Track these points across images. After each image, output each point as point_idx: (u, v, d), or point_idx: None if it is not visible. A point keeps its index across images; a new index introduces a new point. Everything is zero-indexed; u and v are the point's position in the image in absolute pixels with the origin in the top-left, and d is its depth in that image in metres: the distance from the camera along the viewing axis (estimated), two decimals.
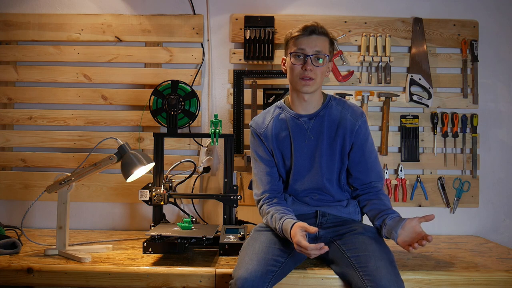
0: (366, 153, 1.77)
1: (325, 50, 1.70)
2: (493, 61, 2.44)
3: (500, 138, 2.44)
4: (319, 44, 1.69)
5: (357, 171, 1.78)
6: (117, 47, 2.42)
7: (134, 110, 2.41)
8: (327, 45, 1.72)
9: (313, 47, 1.68)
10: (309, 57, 1.68)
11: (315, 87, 1.72)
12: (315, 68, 1.68)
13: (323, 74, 1.72)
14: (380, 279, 1.44)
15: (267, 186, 1.79)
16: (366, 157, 1.77)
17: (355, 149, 1.76)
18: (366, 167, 1.78)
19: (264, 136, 1.80)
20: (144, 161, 1.82)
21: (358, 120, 1.75)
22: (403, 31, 2.40)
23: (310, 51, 1.68)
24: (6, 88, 2.43)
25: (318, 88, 1.75)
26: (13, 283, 1.69)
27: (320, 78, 1.71)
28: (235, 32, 2.39)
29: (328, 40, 1.73)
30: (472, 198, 2.39)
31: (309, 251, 1.49)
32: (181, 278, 1.65)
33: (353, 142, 1.76)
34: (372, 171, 1.78)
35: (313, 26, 1.70)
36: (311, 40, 1.69)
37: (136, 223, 2.42)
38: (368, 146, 1.78)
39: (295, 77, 1.72)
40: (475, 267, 1.75)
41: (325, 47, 1.71)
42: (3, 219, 2.34)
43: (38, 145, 2.42)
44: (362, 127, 1.75)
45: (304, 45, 1.69)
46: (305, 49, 1.68)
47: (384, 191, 1.80)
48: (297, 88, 1.73)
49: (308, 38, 1.69)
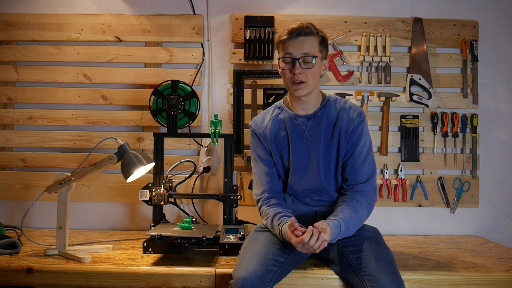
0: (355, 153, 1.71)
1: (314, 50, 1.66)
2: (493, 61, 2.44)
3: (500, 138, 2.44)
4: (306, 46, 1.65)
5: (345, 171, 1.74)
6: (117, 47, 2.42)
7: (134, 110, 2.41)
8: (316, 44, 1.67)
9: (300, 50, 1.64)
10: (297, 60, 1.64)
11: (308, 90, 1.69)
12: (305, 70, 1.65)
13: (315, 76, 1.68)
14: (380, 279, 1.44)
15: (266, 186, 1.78)
16: (355, 157, 1.72)
17: (348, 149, 1.73)
18: (353, 168, 1.72)
19: (263, 136, 1.80)
20: (144, 161, 1.82)
21: (354, 120, 1.71)
22: (403, 31, 2.40)
23: (298, 54, 1.65)
24: (6, 88, 2.43)
25: (313, 89, 1.71)
26: (13, 283, 1.69)
27: (312, 79, 1.67)
28: (235, 32, 2.39)
29: (317, 39, 1.67)
30: (472, 198, 2.39)
31: (309, 244, 1.46)
32: (181, 278, 1.65)
33: (348, 142, 1.73)
34: (357, 173, 1.71)
35: (299, 28, 1.65)
36: (297, 43, 1.64)
37: (136, 223, 2.42)
38: (358, 147, 1.71)
39: (287, 81, 1.70)
40: (475, 267, 1.75)
41: (313, 48, 1.66)
42: (3, 219, 2.34)
43: (38, 145, 2.42)
44: (357, 127, 1.71)
45: (291, 48, 1.65)
46: (293, 52, 1.65)
47: (369, 194, 1.70)
48: (291, 93, 1.72)
49: (294, 41, 1.65)
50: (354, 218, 1.62)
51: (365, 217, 1.69)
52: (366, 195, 1.70)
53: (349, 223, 1.60)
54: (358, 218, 1.64)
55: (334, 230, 1.54)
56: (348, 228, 1.60)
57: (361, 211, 1.65)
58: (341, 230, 1.56)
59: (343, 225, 1.57)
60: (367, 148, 1.74)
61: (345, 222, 1.58)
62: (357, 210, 1.64)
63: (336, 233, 1.55)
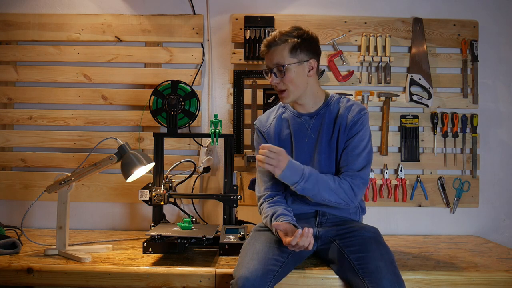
0: (350, 146, 1.71)
1: (283, 59, 1.67)
2: (493, 61, 2.44)
3: (500, 138, 2.44)
4: (276, 57, 1.68)
5: (340, 162, 1.74)
6: (117, 47, 2.42)
7: (134, 110, 2.41)
8: (286, 52, 1.67)
9: (272, 61, 1.70)
10: (271, 72, 1.71)
11: (292, 96, 1.72)
12: (280, 79, 1.69)
13: (295, 81, 1.69)
14: (380, 279, 1.44)
15: (268, 184, 1.79)
16: (349, 150, 1.71)
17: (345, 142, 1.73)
18: (346, 160, 1.72)
19: (267, 134, 1.83)
20: (144, 161, 1.82)
21: (354, 116, 1.72)
22: (403, 31, 2.40)
23: (271, 65, 1.71)
24: (6, 88, 2.43)
25: (301, 93, 1.73)
26: (13, 283, 1.69)
27: (292, 86, 1.70)
28: (235, 32, 2.39)
29: (287, 46, 1.67)
30: (472, 198, 2.39)
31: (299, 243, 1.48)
32: (181, 278, 1.65)
33: (347, 136, 1.73)
34: (350, 164, 1.71)
35: (271, 39, 1.69)
36: (269, 54, 1.70)
37: (136, 223, 2.42)
38: (354, 141, 1.71)
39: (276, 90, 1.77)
40: (475, 267, 1.75)
41: (282, 57, 1.67)
42: (3, 219, 2.34)
43: (38, 145, 2.42)
44: (357, 122, 1.71)
45: (267, 60, 1.73)
46: (268, 64, 1.72)
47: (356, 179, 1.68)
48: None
49: (267, 52, 1.71)
50: (327, 180, 1.64)
51: (341, 193, 1.65)
52: (352, 179, 1.68)
53: (318, 177, 1.62)
54: (332, 183, 1.64)
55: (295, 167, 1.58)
56: (318, 182, 1.61)
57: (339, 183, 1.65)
58: (304, 175, 1.59)
59: (306, 171, 1.60)
60: (365, 144, 1.73)
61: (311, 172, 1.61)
62: (334, 179, 1.66)
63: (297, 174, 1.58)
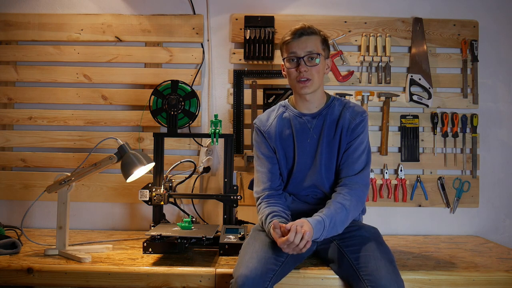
0: (351, 148, 1.73)
1: (317, 48, 1.72)
2: (493, 61, 2.44)
3: (500, 138, 2.44)
4: (309, 45, 1.71)
5: (340, 165, 1.75)
6: (117, 47, 2.42)
7: (134, 110, 2.41)
8: (319, 43, 1.73)
9: (304, 48, 1.70)
10: (301, 59, 1.70)
11: (313, 87, 1.72)
12: (310, 68, 1.70)
13: (320, 73, 1.73)
14: (380, 279, 1.44)
15: (267, 183, 1.79)
16: (349, 152, 1.74)
17: (346, 144, 1.75)
18: (346, 162, 1.74)
19: (268, 134, 1.82)
20: (144, 161, 1.82)
21: (356, 119, 1.74)
22: (403, 31, 2.40)
23: (302, 53, 1.70)
24: (6, 88, 2.43)
25: (318, 87, 1.75)
26: (13, 283, 1.69)
27: (317, 77, 1.72)
28: (235, 32, 2.39)
29: (319, 38, 1.74)
30: (472, 198, 2.39)
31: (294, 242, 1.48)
32: (181, 278, 1.65)
33: (348, 138, 1.75)
34: (350, 167, 1.73)
35: (301, 28, 1.72)
36: (301, 42, 1.71)
37: (136, 223, 2.42)
38: (355, 143, 1.74)
39: (292, 80, 1.74)
40: (475, 267, 1.75)
41: (316, 46, 1.72)
42: (3, 219, 2.34)
43: (38, 145, 2.42)
44: (359, 125, 1.74)
45: (295, 48, 1.71)
46: (297, 52, 1.71)
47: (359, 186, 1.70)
48: (297, 91, 1.75)
49: (298, 40, 1.71)
50: (340, 214, 1.62)
51: (354, 211, 1.67)
52: (355, 188, 1.69)
53: (335, 219, 1.59)
54: (344, 214, 1.63)
55: (317, 226, 1.54)
56: (335, 225, 1.60)
57: (348, 206, 1.64)
58: (325, 226, 1.56)
59: (327, 221, 1.57)
60: (364, 146, 1.75)
61: (330, 218, 1.58)
62: (344, 205, 1.63)
63: (319, 229, 1.55)
